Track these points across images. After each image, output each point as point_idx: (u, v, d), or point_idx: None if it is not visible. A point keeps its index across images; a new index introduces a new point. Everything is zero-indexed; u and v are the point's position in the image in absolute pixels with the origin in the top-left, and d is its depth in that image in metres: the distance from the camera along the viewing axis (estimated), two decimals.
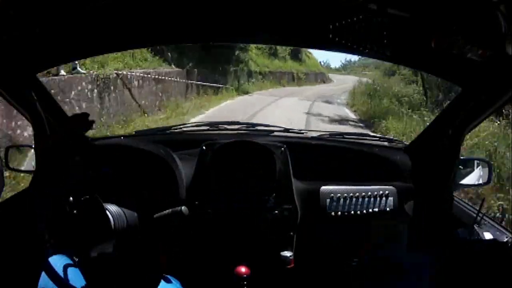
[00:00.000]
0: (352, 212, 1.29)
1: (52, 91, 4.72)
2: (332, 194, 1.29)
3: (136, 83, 7.79)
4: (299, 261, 1.27)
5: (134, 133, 1.73)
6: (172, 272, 1.17)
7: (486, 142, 4.80)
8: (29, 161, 1.36)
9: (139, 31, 0.98)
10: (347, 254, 1.34)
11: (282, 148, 1.28)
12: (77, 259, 1.00)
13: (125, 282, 0.98)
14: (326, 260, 1.34)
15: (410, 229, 1.31)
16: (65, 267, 1.00)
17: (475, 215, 1.08)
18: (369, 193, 1.31)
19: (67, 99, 5.49)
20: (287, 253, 1.24)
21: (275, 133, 1.53)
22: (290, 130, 1.54)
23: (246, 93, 13.73)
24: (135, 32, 0.99)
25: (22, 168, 1.42)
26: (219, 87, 12.00)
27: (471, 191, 3.34)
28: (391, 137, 1.58)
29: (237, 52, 13.91)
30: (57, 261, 1.00)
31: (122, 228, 1.10)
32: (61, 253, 1.02)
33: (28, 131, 4.28)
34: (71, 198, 1.10)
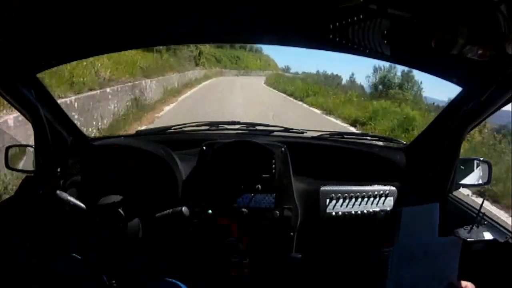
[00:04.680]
0: (352, 212, 1.29)
1: None
2: (332, 194, 1.29)
3: None
4: (300, 261, 1.27)
5: (134, 133, 1.73)
6: (173, 272, 1.17)
7: None
8: (29, 161, 1.36)
9: (140, 31, 0.98)
10: (347, 254, 1.34)
11: (282, 148, 1.28)
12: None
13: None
14: (326, 259, 1.34)
15: None
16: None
17: (475, 215, 1.08)
18: (369, 193, 1.30)
19: None
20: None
21: (275, 133, 1.53)
22: (290, 130, 1.53)
23: None
24: (136, 32, 0.99)
25: (22, 168, 1.42)
26: None
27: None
28: (391, 137, 1.58)
29: None
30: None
31: (124, 228, 1.10)
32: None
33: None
34: (71, 199, 1.10)
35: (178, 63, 16.27)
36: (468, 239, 1.04)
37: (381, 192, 1.31)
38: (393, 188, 1.33)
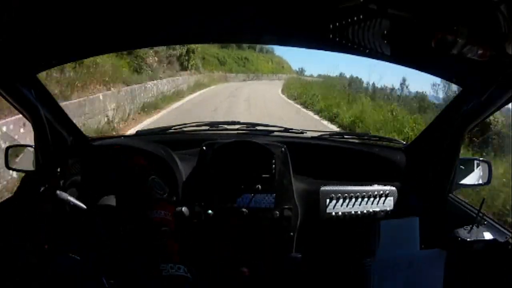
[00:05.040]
0: (352, 212, 1.29)
1: None
2: (332, 194, 1.29)
3: None
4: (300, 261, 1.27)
5: (135, 133, 1.73)
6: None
7: None
8: (29, 161, 1.36)
9: (140, 31, 0.98)
10: (347, 254, 1.34)
11: (282, 148, 1.28)
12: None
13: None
14: (326, 260, 1.34)
15: None
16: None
17: (475, 215, 1.08)
18: (369, 193, 1.31)
19: None
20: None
21: (275, 133, 1.53)
22: (290, 130, 1.54)
23: None
24: (136, 32, 0.99)
25: (22, 168, 1.42)
26: None
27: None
28: (391, 137, 1.59)
29: None
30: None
31: (124, 228, 1.10)
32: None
33: None
34: (71, 199, 1.10)
35: (131, 68, 9.50)
36: (468, 239, 1.04)
37: (381, 192, 1.31)
38: (393, 188, 1.33)
